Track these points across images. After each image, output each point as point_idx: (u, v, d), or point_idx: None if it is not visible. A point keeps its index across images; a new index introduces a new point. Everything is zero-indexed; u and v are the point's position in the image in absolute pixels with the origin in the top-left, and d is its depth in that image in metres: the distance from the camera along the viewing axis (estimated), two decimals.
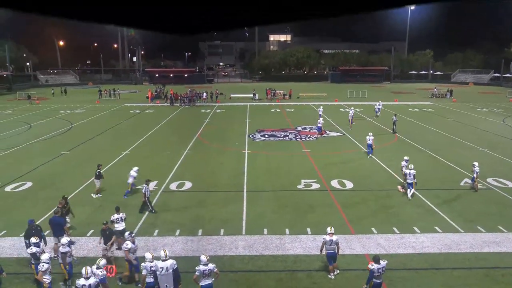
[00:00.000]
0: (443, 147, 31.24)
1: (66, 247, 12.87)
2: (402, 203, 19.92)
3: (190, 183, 23.02)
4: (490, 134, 37.21)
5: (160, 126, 41.62)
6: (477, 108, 55.80)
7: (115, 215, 15.33)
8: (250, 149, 31.32)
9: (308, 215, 18.45)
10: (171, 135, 36.99)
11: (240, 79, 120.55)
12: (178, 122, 44.89)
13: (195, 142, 34.01)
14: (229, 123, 43.29)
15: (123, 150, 30.70)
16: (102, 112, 52.41)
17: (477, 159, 25.57)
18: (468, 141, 33.67)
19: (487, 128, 40.32)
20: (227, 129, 39.77)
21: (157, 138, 35.94)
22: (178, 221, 17.79)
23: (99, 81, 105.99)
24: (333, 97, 67.20)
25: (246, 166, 26.43)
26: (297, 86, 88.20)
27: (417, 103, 61.56)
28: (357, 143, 33.32)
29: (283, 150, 31.12)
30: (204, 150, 31.02)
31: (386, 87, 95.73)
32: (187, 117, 48.21)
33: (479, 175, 22.10)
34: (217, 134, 37.55)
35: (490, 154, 29.51)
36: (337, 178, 23.87)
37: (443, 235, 16.49)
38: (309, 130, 39.08)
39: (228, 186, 22.60)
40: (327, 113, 49.74)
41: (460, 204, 19.90)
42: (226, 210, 18.91)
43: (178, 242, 15.85)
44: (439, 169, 25.92)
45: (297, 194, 21.25)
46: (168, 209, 19.18)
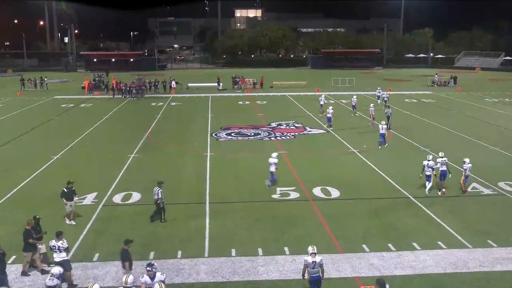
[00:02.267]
0: (446, 146, 31.88)
1: (55, 280, 12.72)
2: (399, 214, 20.24)
3: (138, 194, 22.75)
4: (501, 130, 38.29)
5: (100, 124, 41.04)
6: (485, 98, 57.35)
7: (53, 242, 14.87)
8: (214, 151, 31.22)
9: (285, 231, 18.50)
10: (114, 135, 36.50)
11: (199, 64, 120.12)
12: (123, 118, 44.36)
13: (144, 143, 33.69)
14: (186, 119, 43.04)
15: (53, 154, 30.12)
16: (25, 106, 51.28)
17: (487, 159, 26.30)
18: (475, 138, 34.52)
19: (497, 121, 41.47)
20: (185, 127, 39.53)
21: (97, 138, 35.40)
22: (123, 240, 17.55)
23: (22, 67, 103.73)
24: (314, 86, 67.83)
25: (209, 172, 26.31)
26: (270, 73, 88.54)
27: (415, 93, 62.79)
28: (344, 142, 33.69)
29: (254, 151, 31.11)
30: (156, 153, 30.74)
31: (378, 74, 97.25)
32: (134, 112, 47.70)
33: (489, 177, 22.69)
34: (172, 132, 37.27)
35: (501, 154, 30.35)
36: (320, 185, 24.03)
37: (448, 251, 16.83)
38: (286, 126, 39.31)
39: (187, 197, 22.42)
40: (308, 107, 50.14)
41: (468, 214, 20.37)
42: (184, 227, 18.78)
43: None
44: None
45: (272, 206, 21.26)
46: (112, 228, 18.91)
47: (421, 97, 58.42)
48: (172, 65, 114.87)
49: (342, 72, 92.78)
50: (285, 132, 37.09)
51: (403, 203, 21.64)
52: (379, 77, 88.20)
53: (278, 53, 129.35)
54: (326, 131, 37.34)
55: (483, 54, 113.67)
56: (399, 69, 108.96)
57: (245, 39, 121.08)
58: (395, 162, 28.41)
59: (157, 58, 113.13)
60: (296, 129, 38.46)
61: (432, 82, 73.56)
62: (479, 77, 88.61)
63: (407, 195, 22.58)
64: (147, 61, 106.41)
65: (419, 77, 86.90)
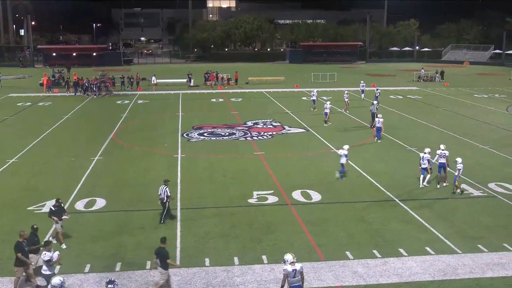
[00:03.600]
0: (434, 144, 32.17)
1: None
2: (385, 218, 20.43)
3: (103, 200, 22.58)
4: (492, 127, 38.92)
5: (60, 124, 40.58)
6: (474, 94, 58.24)
7: (44, 251, 14.57)
8: (185, 152, 31.13)
9: (263, 238, 18.54)
10: (76, 136, 36.11)
11: (169, 59, 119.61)
12: (86, 118, 43.90)
13: (109, 144, 33.43)
14: (155, 119, 42.85)
15: (8, 158, 29.67)
16: None
17: (477, 158, 26.70)
18: (464, 136, 35.03)
19: (487, 119, 42.16)
20: (153, 127, 39.34)
21: (57, 140, 35.00)
22: (88, 252, 17.38)
23: None
24: (293, 82, 68.09)
25: (180, 176, 26.22)
26: (245, 68, 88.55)
27: (400, 89, 63.46)
28: (325, 141, 33.89)
29: (229, 152, 31.10)
30: (122, 155, 30.54)
31: (360, 68, 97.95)
32: (98, 111, 47.24)
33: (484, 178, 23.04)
34: (139, 133, 37.06)
35: (492, 153, 30.86)
36: (300, 188, 24.14)
37: (436, 257, 17.05)
38: (263, 125, 39.38)
39: (156, 202, 22.22)
40: (287, 104, 50.30)
41: (458, 217, 20.65)
42: (154, 236, 18.64)
43: (89, 281, 15.51)
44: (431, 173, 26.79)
45: (249, 211, 21.28)
46: (74, 237, 18.70)
47: (407, 93, 59.05)
48: (139, 60, 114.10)
49: (323, 67, 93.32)
50: (262, 132, 37.14)
51: (389, 207, 21.84)
52: (362, 71, 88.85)
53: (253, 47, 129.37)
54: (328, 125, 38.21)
55: (472, 47, 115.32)
56: (383, 64, 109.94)
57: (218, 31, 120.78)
58: (380, 163, 28.67)
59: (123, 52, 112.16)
60: (273, 128, 38.53)
61: (418, 77, 74.39)
62: (468, 72, 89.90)
63: (393, 198, 22.80)
64: (111, 56, 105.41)
65: (404, 72, 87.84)
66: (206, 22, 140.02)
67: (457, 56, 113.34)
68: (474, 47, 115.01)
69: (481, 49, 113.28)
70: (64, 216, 18.35)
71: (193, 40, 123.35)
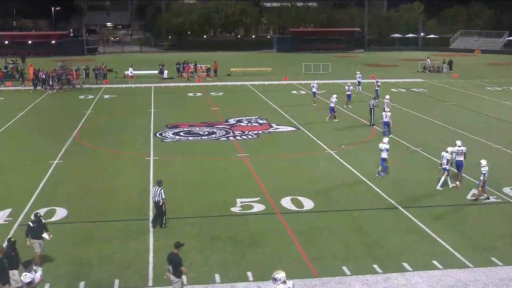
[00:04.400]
0: (441, 144, 32.45)
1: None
2: (386, 228, 20.48)
3: (64, 210, 22.39)
4: (507, 124, 39.24)
5: (14, 123, 40.29)
6: (486, 87, 58.66)
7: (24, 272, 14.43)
8: (158, 154, 31.03)
9: (248, 252, 18.49)
10: (33, 137, 35.86)
11: (139, 47, 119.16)
12: (44, 115, 43.61)
13: (71, 145, 33.22)
14: (124, 116, 42.68)
15: None
16: None
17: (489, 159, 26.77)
18: (475, 135, 35.19)
19: (501, 115, 42.47)
20: (122, 125, 39.17)
21: (10, 141, 34.78)
22: (47, 270, 17.20)
23: None
24: (281, 74, 68.10)
25: (153, 181, 26.04)
26: (227, 58, 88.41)
27: (403, 81, 63.76)
28: (318, 141, 33.93)
29: (209, 154, 31.06)
30: (86, 158, 30.35)
31: (358, 58, 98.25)
32: (58, 108, 46.96)
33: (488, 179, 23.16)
34: (106, 132, 36.88)
35: (507, 153, 31.09)
36: (290, 194, 24.11)
37: (444, 272, 17.09)
38: (247, 123, 39.34)
39: (126, 212, 22.20)
40: (274, 99, 50.30)
41: (469, 226, 20.76)
42: (123, 250, 18.56)
43: None
44: (437, 176, 26.85)
45: (232, 221, 21.23)
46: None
47: (411, 86, 59.31)
48: (105, 49, 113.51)
49: (315, 56, 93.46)
50: (246, 130, 37.12)
51: (390, 215, 21.91)
52: (360, 61, 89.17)
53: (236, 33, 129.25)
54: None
55: (484, 34, 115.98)
56: (384, 52, 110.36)
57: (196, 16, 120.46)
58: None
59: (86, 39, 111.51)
60: (259, 126, 38.56)
61: (424, 68, 74.76)
62: (479, 61, 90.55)
63: (396, 205, 22.87)
64: (73, 44, 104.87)
65: (407, 61, 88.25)
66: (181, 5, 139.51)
67: (467, 44, 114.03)
68: (486, 34, 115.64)
69: (494, 35, 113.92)
70: (44, 235, 17.69)
71: (166, 26, 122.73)
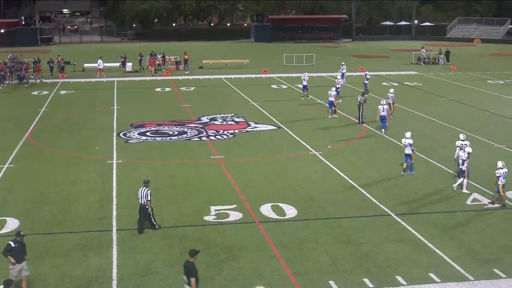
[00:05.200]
0: (438, 144, 32.69)
1: None
2: (377, 238, 20.53)
3: (16, 220, 22.15)
4: (509, 121, 39.62)
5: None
6: (487, 80, 59.21)
7: None
8: (122, 156, 30.90)
9: (224, 266, 18.43)
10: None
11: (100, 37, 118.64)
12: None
13: (23, 148, 32.96)
14: (83, 114, 42.48)
15: None
16: None
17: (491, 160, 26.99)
18: (475, 133, 35.38)
19: (503, 111, 42.88)
20: (81, 124, 38.94)
21: None
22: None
23: None
24: (260, 66, 68.17)
25: (116, 187, 26.00)
26: (199, 49, 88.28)
27: (396, 74, 64.10)
28: (301, 141, 33.97)
29: (179, 157, 30.99)
30: (41, 162, 30.12)
31: (345, 48, 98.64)
32: (8, 106, 46.51)
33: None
34: (63, 133, 36.65)
35: (510, 153, 31.30)
36: (270, 201, 24.09)
37: (442, 286, 17.15)
38: (222, 122, 39.30)
39: (85, 223, 22.05)
40: (252, 94, 50.30)
41: (469, 235, 20.86)
42: (82, 265, 18.42)
43: None
44: (433, 179, 27.07)
45: (206, 232, 21.15)
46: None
47: (404, 79, 59.62)
48: (61, 38, 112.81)
49: (297, 47, 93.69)
50: (221, 130, 37.08)
51: (382, 223, 21.96)
52: (347, 52, 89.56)
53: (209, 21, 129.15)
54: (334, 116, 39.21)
55: (484, 21, 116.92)
56: (374, 42, 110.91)
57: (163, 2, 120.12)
58: (371, 168, 28.86)
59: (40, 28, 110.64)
60: (236, 125, 38.55)
61: (418, 59, 75.25)
62: (479, 52, 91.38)
63: (388, 212, 22.96)
64: (25, 33, 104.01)
65: (400, 52, 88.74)
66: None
67: (465, 33, 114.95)
68: (486, 21, 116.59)
69: (495, 23, 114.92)
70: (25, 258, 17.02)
71: (130, 13, 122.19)
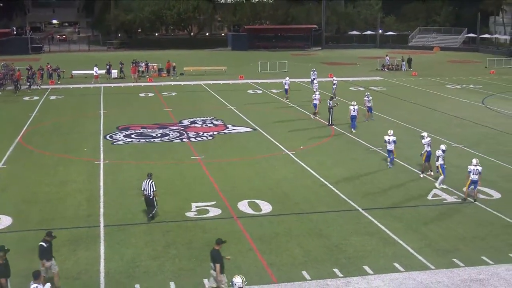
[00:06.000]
0: (401, 144, 32.92)
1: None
2: (346, 231, 20.71)
3: (9, 218, 22.08)
4: (466, 122, 40.07)
5: None
6: (446, 85, 59.80)
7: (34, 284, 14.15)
8: (109, 157, 30.81)
9: (205, 259, 18.40)
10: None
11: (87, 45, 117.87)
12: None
13: (15, 150, 32.74)
14: (71, 118, 42.24)
15: None
16: None
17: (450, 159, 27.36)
18: (435, 134, 35.67)
19: (461, 113, 43.35)
20: (69, 128, 38.74)
21: None
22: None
23: None
24: (237, 73, 68.16)
25: (103, 186, 25.95)
26: (180, 56, 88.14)
27: (362, 79, 64.49)
28: (275, 142, 34.10)
29: (162, 157, 30.97)
30: (32, 163, 29.95)
31: (315, 56, 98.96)
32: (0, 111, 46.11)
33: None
34: (52, 136, 36.42)
35: (467, 152, 31.70)
36: (247, 198, 24.22)
37: (406, 275, 17.39)
38: (202, 124, 39.32)
39: (74, 219, 22.01)
40: (230, 99, 50.36)
41: (430, 227, 21.14)
42: (71, 260, 18.37)
43: None
44: (397, 177, 27.35)
45: (187, 227, 21.21)
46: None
47: (369, 84, 60.03)
48: (51, 47, 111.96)
49: (271, 55, 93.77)
50: (201, 132, 37.08)
51: (351, 217, 22.17)
52: (317, 59, 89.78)
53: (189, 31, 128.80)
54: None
55: (442, 31, 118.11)
56: (342, 50, 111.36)
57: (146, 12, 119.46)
58: (340, 166, 29.07)
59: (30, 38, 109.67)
60: (214, 127, 38.57)
61: (382, 66, 75.77)
62: (438, 59, 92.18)
63: (356, 207, 23.18)
64: (16, 42, 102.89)
65: (366, 59, 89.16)
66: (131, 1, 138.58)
67: (425, 41, 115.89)
68: (445, 31, 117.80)
69: (453, 32, 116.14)
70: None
71: (115, 23, 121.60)
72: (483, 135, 36.26)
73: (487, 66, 77.42)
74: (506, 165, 28.81)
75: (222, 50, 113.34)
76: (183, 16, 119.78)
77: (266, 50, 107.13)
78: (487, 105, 47.44)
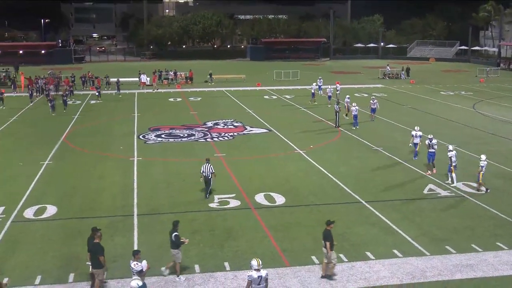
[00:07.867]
0: (400, 144, 32.83)
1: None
2: (351, 221, 20.69)
3: (54, 207, 22.24)
4: (458, 125, 39.81)
5: (6, 127, 39.77)
6: (440, 92, 59.44)
7: (134, 262, 14.30)
8: (142, 155, 30.92)
9: (225, 244, 18.55)
10: (24, 139, 35.42)
11: (123, 56, 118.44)
12: (34, 120, 43.07)
13: (60, 147, 32.93)
14: (109, 120, 42.44)
15: None
16: None
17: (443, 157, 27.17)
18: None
19: (453, 116, 43.12)
20: (107, 129, 38.93)
21: (3, 143, 34.31)
22: (38, 263, 17.08)
23: None
24: (255, 80, 68.21)
25: (137, 180, 26.03)
26: (204, 66, 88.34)
27: (365, 86, 64.26)
28: (289, 141, 34.07)
29: (188, 155, 31.03)
30: (74, 159, 30.13)
31: (324, 66, 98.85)
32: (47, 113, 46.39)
33: None
34: (92, 135, 36.61)
35: (458, 152, 31.41)
36: (263, 191, 24.23)
37: (404, 260, 17.37)
38: (223, 126, 39.36)
39: (112, 209, 22.13)
40: (248, 103, 50.39)
41: (425, 218, 21.05)
42: (110, 244, 18.43)
43: None
44: (396, 173, 27.24)
45: (210, 216, 21.28)
46: (23, 247, 18.36)
47: (372, 91, 59.80)
48: (91, 58, 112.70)
49: (285, 64, 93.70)
50: (222, 132, 37.12)
51: (355, 209, 22.13)
52: (326, 69, 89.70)
53: (212, 43, 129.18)
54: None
55: (437, 43, 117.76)
56: (348, 61, 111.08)
57: (175, 27, 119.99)
58: (345, 163, 28.98)
59: (73, 49, 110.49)
60: (235, 128, 38.60)
61: (384, 75, 75.56)
62: (433, 68, 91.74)
63: (359, 200, 23.11)
64: (61, 53, 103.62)
65: (369, 69, 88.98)
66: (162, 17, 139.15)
67: (422, 53, 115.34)
68: (439, 43, 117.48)
69: (446, 45, 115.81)
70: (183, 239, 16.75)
71: (148, 37, 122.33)
72: (473, 136, 35.99)
73: (477, 75, 76.83)
74: (493, 163, 28.54)
75: (242, 61, 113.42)
76: (207, 31, 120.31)
77: (280, 60, 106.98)
78: (478, 110, 47.08)
